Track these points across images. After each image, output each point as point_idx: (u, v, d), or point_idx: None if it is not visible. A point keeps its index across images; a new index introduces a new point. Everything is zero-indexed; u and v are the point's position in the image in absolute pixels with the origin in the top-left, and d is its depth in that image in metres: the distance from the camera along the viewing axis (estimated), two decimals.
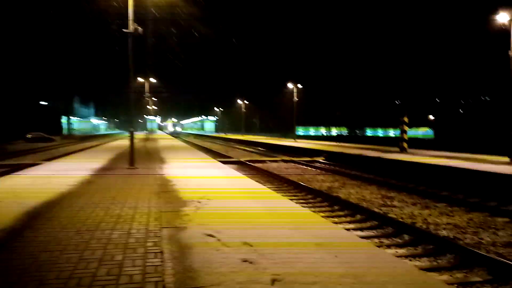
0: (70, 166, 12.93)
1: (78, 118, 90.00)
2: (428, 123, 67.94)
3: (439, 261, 5.90)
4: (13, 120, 53.02)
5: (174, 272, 3.49)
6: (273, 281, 3.29)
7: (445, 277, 5.25)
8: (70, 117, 78.09)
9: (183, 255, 3.94)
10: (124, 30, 12.62)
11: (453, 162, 14.62)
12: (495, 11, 15.39)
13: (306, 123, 78.72)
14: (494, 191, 10.76)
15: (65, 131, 72.19)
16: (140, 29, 12.77)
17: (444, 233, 7.33)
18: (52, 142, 47.58)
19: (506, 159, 15.03)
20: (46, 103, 74.12)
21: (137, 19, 12.92)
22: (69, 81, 76.44)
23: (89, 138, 62.60)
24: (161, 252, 4.04)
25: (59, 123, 73.90)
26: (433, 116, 69.63)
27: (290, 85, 39.95)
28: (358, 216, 8.61)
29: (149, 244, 4.34)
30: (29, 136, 48.96)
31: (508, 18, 15.06)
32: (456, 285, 4.86)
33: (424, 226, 7.79)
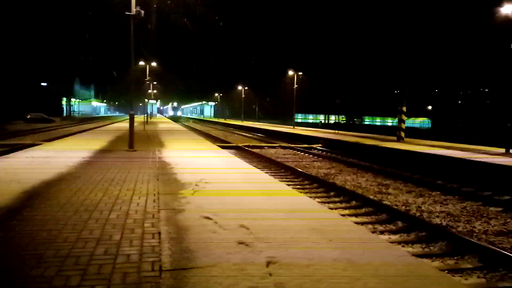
0: (70, 147, 12.98)
1: (79, 100, 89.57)
2: (426, 113, 67.92)
3: (431, 247, 6.00)
4: (14, 101, 52.83)
5: (171, 252, 3.56)
6: (268, 263, 3.36)
7: (436, 263, 5.36)
8: (70, 98, 77.84)
9: (180, 236, 4.00)
10: (126, 12, 12.52)
11: (449, 151, 14.71)
12: (499, 2, 15.20)
13: (305, 111, 78.60)
14: (488, 181, 10.86)
15: (65, 113, 72.06)
16: (142, 12, 12.67)
17: (437, 220, 7.43)
18: (52, 123, 47.53)
19: (502, 150, 15.11)
20: (47, 84, 73.76)
21: (140, 2, 12.83)
22: (70, 63, 76.11)
23: (89, 120, 62.55)
24: (159, 233, 4.10)
25: (60, 104, 73.70)
26: (431, 106, 69.60)
27: (290, 72, 39.78)
28: (354, 203, 8.70)
29: (146, 225, 4.41)
30: (29, 116, 48.84)
31: None
32: (447, 271, 4.96)
33: (418, 214, 7.89)
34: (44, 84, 73.25)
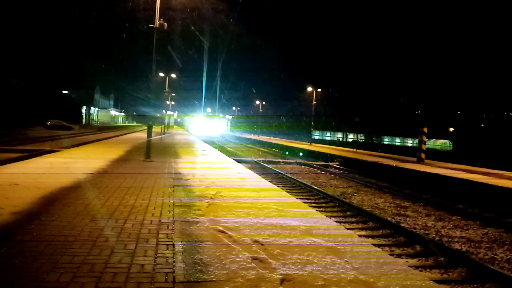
0: (88, 155, 13.16)
1: (98, 109, 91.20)
2: (447, 135, 66.76)
3: (451, 273, 5.81)
4: (35, 107, 54.14)
5: (185, 265, 3.53)
6: (282, 281, 3.29)
7: None
8: (90, 107, 79.38)
9: (194, 248, 3.97)
10: (150, 25, 12.82)
11: (471, 176, 14.36)
12: None
13: (323, 128, 78.32)
14: (511, 207, 10.53)
15: (84, 121, 73.42)
16: (165, 24, 12.95)
17: (457, 246, 7.21)
18: (70, 130, 48.35)
19: None
20: (68, 92, 75.53)
21: (161, 15, 13.13)
22: (92, 72, 77.94)
23: (107, 129, 63.44)
24: (173, 245, 4.08)
25: (79, 112, 75.13)
26: (453, 128, 68.47)
27: (309, 89, 39.81)
28: (371, 224, 8.54)
29: (161, 235, 4.39)
30: (48, 123, 49.90)
31: None
32: None
33: (437, 238, 7.68)
34: (65, 91, 74.98)
